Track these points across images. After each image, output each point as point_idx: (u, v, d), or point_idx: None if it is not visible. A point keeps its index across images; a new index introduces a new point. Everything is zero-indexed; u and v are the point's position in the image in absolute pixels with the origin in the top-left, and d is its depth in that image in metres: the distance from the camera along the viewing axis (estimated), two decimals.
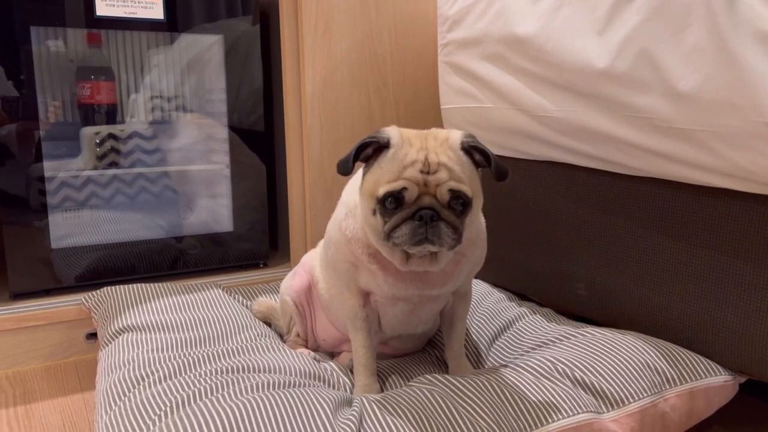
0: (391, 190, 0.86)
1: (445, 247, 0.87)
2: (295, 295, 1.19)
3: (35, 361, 1.42)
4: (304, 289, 1.20)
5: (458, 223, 0.87)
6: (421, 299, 1.01)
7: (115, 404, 0.92)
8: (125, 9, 1.48)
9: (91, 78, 1.52)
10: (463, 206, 0.88)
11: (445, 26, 1.42)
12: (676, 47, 0.95)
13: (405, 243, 0.87)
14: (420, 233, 0.86)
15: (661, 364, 1.01)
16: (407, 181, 0.86)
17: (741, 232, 0.98)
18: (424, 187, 0.86)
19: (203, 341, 1.13)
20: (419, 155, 0.87)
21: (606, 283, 1.19)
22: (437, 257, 0.92)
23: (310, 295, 1.20)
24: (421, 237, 0.86)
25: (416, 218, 0.86)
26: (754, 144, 0.89)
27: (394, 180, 0.87)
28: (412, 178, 0.86)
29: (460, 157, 0.89)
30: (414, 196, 0.86)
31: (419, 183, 0.86)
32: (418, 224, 0.86)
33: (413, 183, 0.86)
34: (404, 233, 0.86)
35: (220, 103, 1.66)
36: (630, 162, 1.09)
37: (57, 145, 1.49)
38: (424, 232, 0.86)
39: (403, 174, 0.86)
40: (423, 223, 0.86)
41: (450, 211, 0.87)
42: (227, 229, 1.70)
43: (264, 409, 0.85)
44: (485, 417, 0.88)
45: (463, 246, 0.94)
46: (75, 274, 1.51)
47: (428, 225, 0.86)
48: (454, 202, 0.87)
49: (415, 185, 0.86)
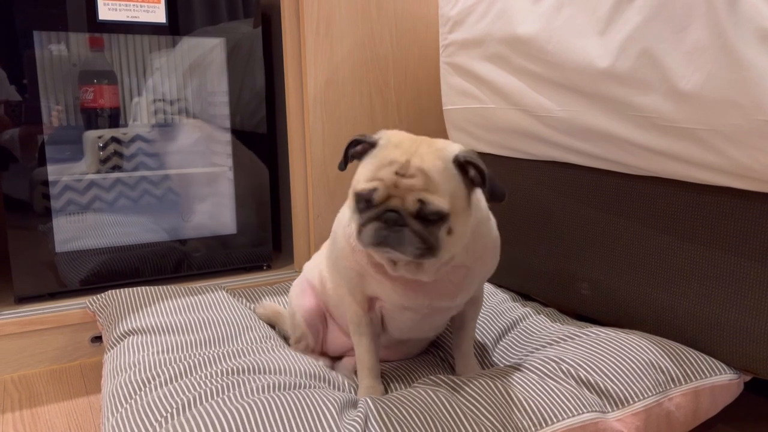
0: (362, 188, 0.85)
1: (407, 255, 0.83)
2: (308, 317, 1.16)
3: (40, 365, 1.42)
4: (314, 309, 1.17)
5: (426, 234, 0.82)
6: (431, 310, 1.00)
7: (122, 407, 0.92)
8: (127, 13, 1.48)
9: (94, 82, 1.52)
10: (435, 217, 0.83)
11: (447, 27, 1.43)
12: (677, 46, 0.95)
13: (367, 244, 0.84)
14: (381, 235, 0.83)
15: (665, 363, 1.01)
16: (379, 182, 0.83)
17: (744, 230, 0.98)
18: (395, 189, 0.83)
19: (208, 343, 1.13)
20: (401, 157, 0.84)
21: (610, 282, 1.19)
22: (423, 266, 0.89)
23: (322, 316, 1.18)
24: (381, 239, 0.83)
25: (382, 220, 0.83)
26: (757, 142, 0.89)
27: (369, 180, 0.85)
28: (384, 178, 0.83)
29: (448, 168, 0.85)
30: (383, 197, 0.83)
31: (390, 185, 0.83)
32: (381, 226, 0.83)
33: (384, 184, 0.83)
34: (367, 233, 0.84)
35: (223, 105, 1.66)
36: (633, 161, 1.09)
37: (60, 148, 1.50)
38: (385, 235, 0.83)
39: (378, 174, 0.84)
40: (387, 226, 0.83)
41: (418, 221, 0.83)
42: (230, 231, 1.70)
43: (270, 411, 0.85)
44: (490, 417, 0.88)
45: (468, 259, 0.93)
46: (79, 277, 1.52)
47: (392, 229, 0.82)
48: (424, 212, 0.82)
49: (385, 186, 0.83)
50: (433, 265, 0.89)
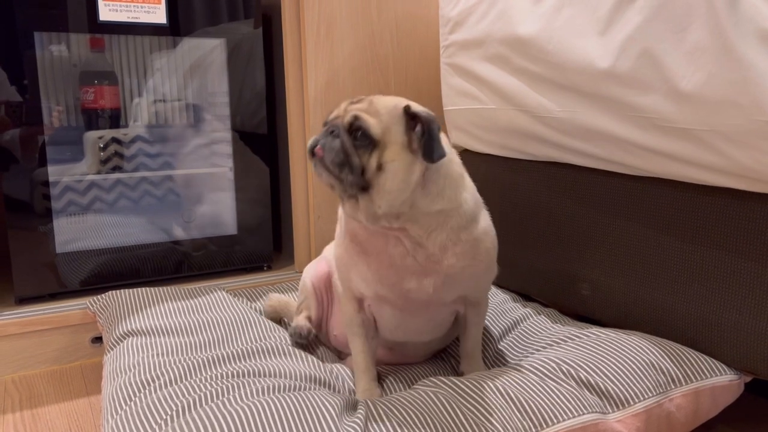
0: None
1: (329, 166, 0.87)
2: (315, 279, 1.20)
3: (41, 366, 1.42)
4: (324, 275, 1.19)
5: (351, 150, 0.87)
6: (407, 302, 0.99)
7: (122, 408, 0.92)
8: (128, 14, 1.48)
9: (95, 82, 1.53)
10: (365, 140, 0.87)
11: (447, 28, 1.43)
12: (678, 47, 0.95)
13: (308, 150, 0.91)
14: (314, 141, 0.90)
15: (666, 363, 1.01)
16: (336, 107, 0.94)
17: (745, 230, 0.98)
18: (344, 112, 0.91)
19: (208, 345, 1.13)
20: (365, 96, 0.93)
21: (610, 283, 1.19)
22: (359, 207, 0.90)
23: (329, 284, 1.20)
24: (313, 144, 0.90)
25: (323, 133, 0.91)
26: (758, 143, 0.89)
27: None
28: (341, 106, 0.93)
29: (396, 109, 0.89)
30: (332, 117, 0.92)
31: (342, 109, 0.92)
32: (319, 135, 0.90)
33: (338, 109, 0.92)
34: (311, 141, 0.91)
35: (223, 106, 1.66)
36: (633, 162, 1.09)
37: (61, 149, 1.50)
38: (317, 139, 0.90)
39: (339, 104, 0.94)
40: (322, 136, 0.90)
41: (350, 137, 0.88)
42: (231, 232, 1.70)
43: (269, 413, 0.85)
44: (491, 419, 0.88)
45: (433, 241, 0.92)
46: (80, 278, 1.52)
47: (325, 138, 0.89)
48: (354, 126, 0.88)
49: (338, 110, 0.92)
50: (368, 207, 0.89)
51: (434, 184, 0.91)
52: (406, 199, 0.89)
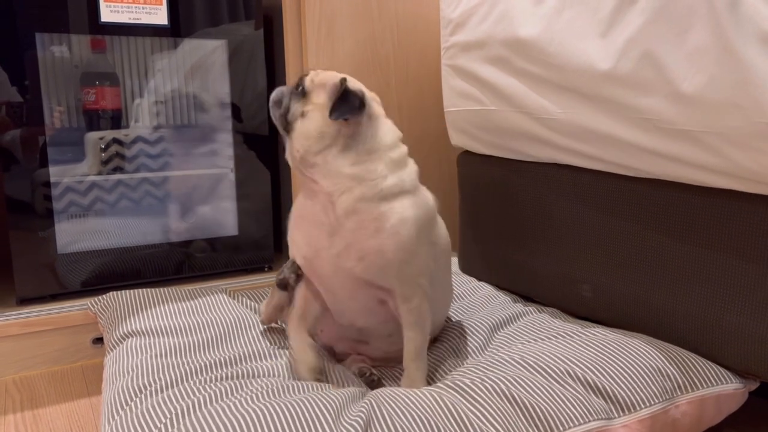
0: None
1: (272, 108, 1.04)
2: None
3: (42, 366, 1.42)
4: None
5: (286, 96, 1.03)
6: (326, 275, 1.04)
7: (121, 411, 0.92)
8: (129, 15, 1.49)
9: (96, 83, 1.53)
10: (299, 92, 1.02)
11: (448, 29, 1.42)
12: (679, 48, 0.95)
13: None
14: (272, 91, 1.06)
15: (672, 370, 1.00)
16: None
17: (746, 232, 0.98)
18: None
19: (208, 346, 1.13)
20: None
21: (611, 285, 1.19)
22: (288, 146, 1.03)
23: None
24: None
25: None
26: (759, 144, 0.88)
27: None
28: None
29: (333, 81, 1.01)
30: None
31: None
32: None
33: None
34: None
35: (224, 107, 1.66)
36: (634, 163, 1.09)
37: (62, 150, 1.50)
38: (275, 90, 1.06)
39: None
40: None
41: (292, 88, 1.04)
42: (232, 233, 1.70)
43: (269, 416, 0.85)
44: (495, 423, 0.87)
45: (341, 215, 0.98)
46: (81, 279, 1.52)
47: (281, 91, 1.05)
48: (298, 84, 1.03)
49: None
50: (290, 149, 1.02)
51: (353, 151, 0.99)
52: (319, 151, 0.98)
